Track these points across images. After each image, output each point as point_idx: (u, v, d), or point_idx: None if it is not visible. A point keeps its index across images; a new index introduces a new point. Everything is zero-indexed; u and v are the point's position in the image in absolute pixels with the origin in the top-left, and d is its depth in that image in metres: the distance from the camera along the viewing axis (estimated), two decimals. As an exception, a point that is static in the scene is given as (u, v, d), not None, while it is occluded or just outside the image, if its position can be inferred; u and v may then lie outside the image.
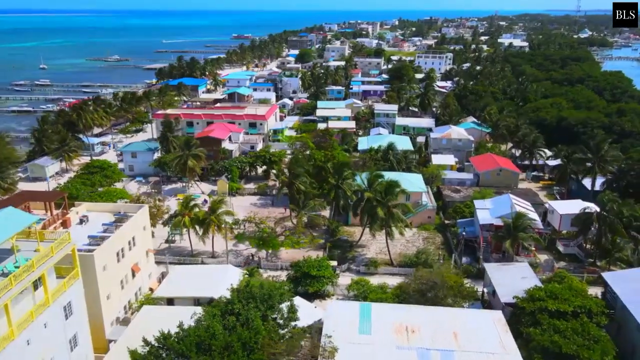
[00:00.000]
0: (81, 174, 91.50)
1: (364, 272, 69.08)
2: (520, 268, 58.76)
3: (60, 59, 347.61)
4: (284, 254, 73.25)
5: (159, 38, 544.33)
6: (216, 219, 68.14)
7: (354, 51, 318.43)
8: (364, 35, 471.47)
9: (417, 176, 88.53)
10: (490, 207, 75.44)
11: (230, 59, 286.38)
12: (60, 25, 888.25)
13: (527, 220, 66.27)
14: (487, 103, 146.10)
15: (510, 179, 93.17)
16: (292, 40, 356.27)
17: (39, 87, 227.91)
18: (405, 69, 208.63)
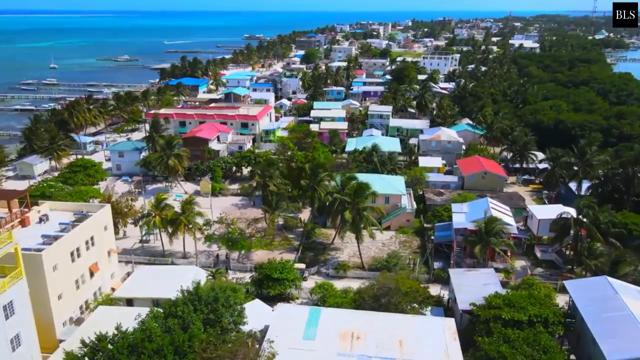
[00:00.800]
0: (63, 172, 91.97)
1: (334, 276, 68.17)
2: (485, 274, 57.29)
3: (71, 58, 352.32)
4: (256, 256, 72.69)
5: (171, 38, 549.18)
6: (185, 219, 67.78)
7: (361, 52, 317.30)
8: (374, 36, 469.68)
9: (398, 178, 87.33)
10: (466, 211, 73.92)
11: (237, 59, 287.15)
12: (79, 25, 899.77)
13: (499, 225, 64.69)
14: (485, 105, 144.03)
15: (496, 182, 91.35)
16: (300, 41, 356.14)
17: (45, 86, 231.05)
18: (407, 70, 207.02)
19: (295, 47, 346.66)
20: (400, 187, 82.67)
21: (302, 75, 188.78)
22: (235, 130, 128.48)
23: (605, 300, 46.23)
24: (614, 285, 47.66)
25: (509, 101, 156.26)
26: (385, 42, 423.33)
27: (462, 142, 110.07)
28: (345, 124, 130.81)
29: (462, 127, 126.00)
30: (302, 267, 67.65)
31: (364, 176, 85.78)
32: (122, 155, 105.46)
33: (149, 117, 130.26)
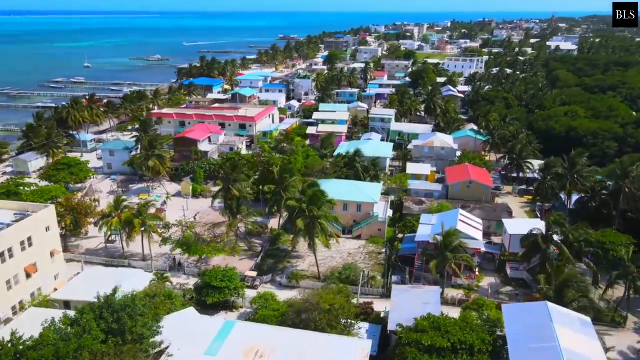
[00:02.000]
0: (47, 170, 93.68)
1: (286, 285, 66.08)
2: (429, 293, 53.78)
3: (106, 57, 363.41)
4: (215, 262, 71.33)
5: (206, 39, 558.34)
6: (141, 221, 67.21)
7: (388, 53, 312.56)
8: (407, 37, 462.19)
9: (375, 186, 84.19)
10: (434, 223, 70.15)
11: (262, 59, 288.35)
12: (127, 26, 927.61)
13: (457, 239, 60.83)
14: (495, 110, 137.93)
15: (482, 192, 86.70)
16: (328, 42, 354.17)
17: (73, 85, 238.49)
18: (425, 72, 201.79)
19: (324, 48, 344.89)
20: (373, 195, 79.50)
21: (316, 77, 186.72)
22: (234, 132, 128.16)
23: (537, 329, 42.27)
24: (552, 313, 43.52)
25: (524, 106, 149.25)
26: (417, 44, 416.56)
27: (456, 149, 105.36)
28: (343, 127, 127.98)
29: (464, 132, 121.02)
30: (253, 275, 65.90)
31: (337, 183, 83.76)
32: (113, 154, 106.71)
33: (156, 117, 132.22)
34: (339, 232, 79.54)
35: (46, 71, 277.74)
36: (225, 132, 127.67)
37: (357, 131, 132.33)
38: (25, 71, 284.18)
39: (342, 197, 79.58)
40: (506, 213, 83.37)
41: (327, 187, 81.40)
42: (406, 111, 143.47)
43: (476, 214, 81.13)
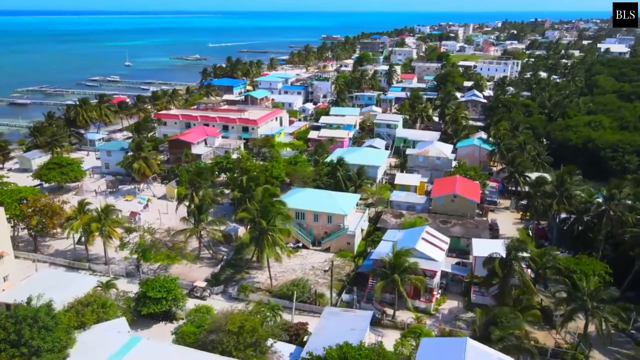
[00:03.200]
0: (39, 169, 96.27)
1: (236, 298, 64.46)
2: (359, 317, 50.72)
3: (146, 56, 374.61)
4: (176, 269, 70.73)
5: (250, 38, 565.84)
6: (98, 225, 67.44)
7: (425, 54, 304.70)
8: (451, 38, 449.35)
9: (351, 197, 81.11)
10: (396, 240, 66.41)
11: (293, 60, 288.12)
12: (174, 25, 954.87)
13: (408, 260, 57.09)
14: (511, 117, 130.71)
15: (466, 207, 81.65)
16: (364, 43, 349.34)
17: (107, 83, 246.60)
18: (452, 75, 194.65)
19: (360, 48, 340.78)
20: (344, 207, 76.47)
21: (334, 79, 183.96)
22: (237, 134, 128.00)
23: (445, 369, 38.61)
24: (467, 351, 39.63)
25: (546, 114, 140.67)
26: (459, 45, 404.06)
27: (452, 159, 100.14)
28: (349, 132, 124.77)
29: (470, 141, 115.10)
30: (202, 285, 64.66)
31: (311, 192, 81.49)
32: (110, 155, 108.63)
33: (157, 117, 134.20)
34: (308, 243, 77.46)
35: (89, 69, 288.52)
36: (229, 134, 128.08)
37: (361, 137, 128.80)
38: (68, 69, 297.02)
39: (312, 208, 77.36)
40: (488, 231, 78.34)
41: (299, 196, 79.98)
42: (417, 117, 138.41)
43: (455, 230, 76.81)
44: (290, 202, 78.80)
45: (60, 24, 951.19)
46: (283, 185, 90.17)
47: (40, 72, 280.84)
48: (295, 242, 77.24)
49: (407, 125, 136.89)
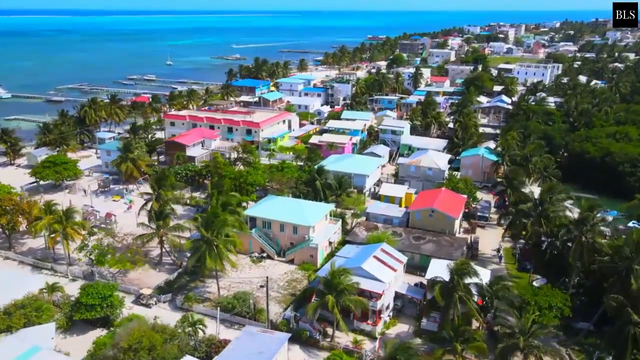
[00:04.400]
0: (35, 167, 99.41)
1: (181, 307, 63.38)
2: (273, 340, 48.12)
3: (189, 56, 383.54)
4: (135, 274, 70.69)
5: (296, 38, 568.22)
6: (58, 226, 68.31)
7: (464, 56, 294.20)
8: (499, 39, 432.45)
9: (322, 207, 78.24)
10: (350, 256, 63.34)
11: (327, 61, 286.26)
12: (225, 25, 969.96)
13: (346, 281, 53.85)
14: (528, 125, 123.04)
15: (444, 223, 76.79)
16: (403, 44, 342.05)
17: (143, 82, 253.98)
18: (480, 79, 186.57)
19: (399, 49, 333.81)
20: (310, 218, 73.76)
21: (355, 81, 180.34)
22: (241, 137, 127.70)
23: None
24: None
25: (569, 123, 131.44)
26: (507, 46, 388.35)
27: (445, 170, 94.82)
28: (346, 137, 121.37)
29: (475, 151, 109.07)
30: (147, 292, 64.04)
31: (281, 201, 79.62)
32: (109, 154, 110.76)
33: (167, 118, 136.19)
34: (273, 253, 75.38)
35: (131, 68, 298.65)
36: (233, 136, 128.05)
37: (366, 143, 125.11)
38: (112, 67, 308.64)
39: (278, 217, 75.22)
40: (464, 250, 73.36)
41: (268, 205, 78.28)
42: (429, 123, 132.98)
43: (426, 248, 72.54)
44: (258, 210, 77.44)
45: (120, 24, 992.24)
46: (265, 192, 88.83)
47: (85, 70, 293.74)
48: (260, 252, 75.43)
49: (417, 132, 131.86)
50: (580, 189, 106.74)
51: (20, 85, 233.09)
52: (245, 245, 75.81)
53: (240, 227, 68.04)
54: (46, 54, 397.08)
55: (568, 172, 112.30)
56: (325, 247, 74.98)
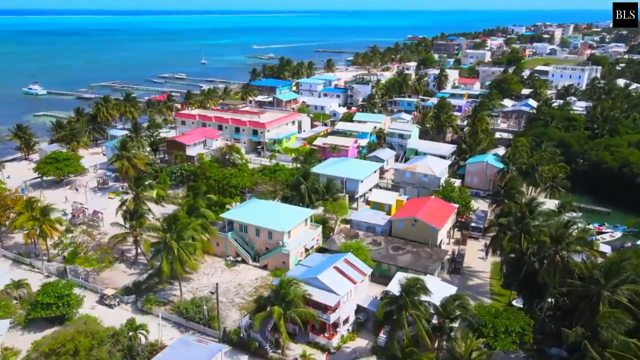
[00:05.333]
0: (38, 163, 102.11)
1: (142, 310, 62.96)
2: (207, 351, 46.53)
3: (223, 55, 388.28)
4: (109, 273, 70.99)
5: (336, 37, 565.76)
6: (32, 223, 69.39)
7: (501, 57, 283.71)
8: (543, 40, 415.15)
9: (301, 212, 76.35)
10: (311, 265, 61.04)
11: (357, 61, 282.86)
12: (269, 24, 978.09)
13: (294, 292, 51.70)
14: (547, 131, 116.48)
15: (427, 233, 73.02)
16: (438, 44, 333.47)
17: (173, 80, 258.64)
18: (507, 82, 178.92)
19: (433, 50, 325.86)
20: (284, 223, 71.89)
21: (375, 82, 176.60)
22: (247, 137, 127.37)
23: None
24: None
25: (592, 129, 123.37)
26: (550, 47, 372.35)
27: (441, 177, 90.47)
28: (350, 140, 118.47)
29: (481, 158, 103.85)
30: (109, 292, 63.94)
31: (260, 204, 78.22)
32: (114, 151, 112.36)
33: (178, 117, 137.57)
34: (247, 258, 74.01)
35: (165, 66, 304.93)
36: (240, 137, 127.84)
37: (373, 146, 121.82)
38: (148, 65, 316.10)
39: (254, 222, 73.84)
40: (442, 263, 69.58)
41: (246, 208, 77.37)
42: (441, 127, 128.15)
43: (403, 259, 69.26)
44: (235, 214, 76.39)
45: (167, 24, 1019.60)
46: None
47: (122, 68, 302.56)
48: (235, 256, 74.25)
49: (428, 136, 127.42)
50: (595, 201, 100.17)
51: (57, 82, 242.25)
52: (221, 249, 75.22)
53: (207, 230, 67.02)
54: (89, 53, 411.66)
55: (585, 183, 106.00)
56: (301, 253, 72.97)
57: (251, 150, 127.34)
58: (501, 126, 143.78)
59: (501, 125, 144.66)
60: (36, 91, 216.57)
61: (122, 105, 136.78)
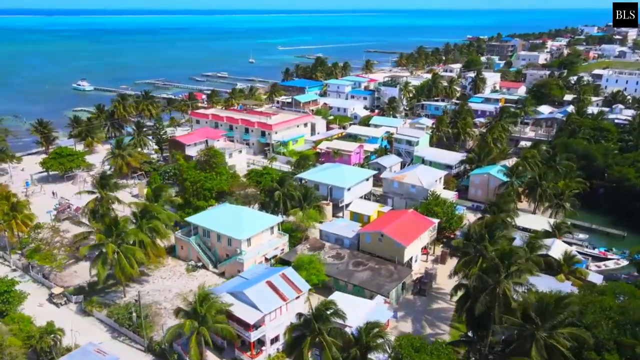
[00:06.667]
0: (45, 158, 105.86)
1: (84, 311, 62.82)
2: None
3: (273, 54, 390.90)
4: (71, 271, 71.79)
5: (393, 37, 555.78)
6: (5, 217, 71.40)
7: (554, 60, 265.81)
8: (614, 41, 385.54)
9: (266, 219, 73.72)
10: (248, 278, 58.27)
11: (401, 62, 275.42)
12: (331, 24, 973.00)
13: (214, 308, 49.21)
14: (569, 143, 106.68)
15: (393, 249, 68.13)
16: (491, 45, 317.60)
17: (215, 79, 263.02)
18: (548, 86, 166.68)
19: (485, 52, 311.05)
20: (244, 231, 69.53)
21: (403, 85, 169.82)
22: (256, 138, 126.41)
23: None
24: None
25: (625, 142, 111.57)
26: (619, 49, 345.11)
27: (427, 188, 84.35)
28: (353, 145, 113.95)
29: (486, 169, 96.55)
30: (57, 291, 64.28)
31: (225, 209, 76.98)
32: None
33: (193, 116, 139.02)
34: (208, 263, 72.40)
35: (215, 65, 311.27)
36: (250, 137, 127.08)
37: (379, 152, 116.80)
38: (198, 64, 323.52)
39: (214, 227, 72.23)
40: (402, 283, 64.46)
41: (211, 213, 76.28)
42: (457, 134, 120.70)
43: (360, 276, 65.01)
44: (199, 218, 75.01)
45: (234, 22, 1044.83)
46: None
47: (172, 66, 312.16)
48: (197, 261, 72.89)
49: (443, 144, 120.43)
50: (611, 222, 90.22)
51: (107, 79, 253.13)
52: (185, 252, 74.32)
53: (159, 233, 66.12)
54: (149, 51, 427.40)
55: (604, 201, 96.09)
56: (260, 262, 70.33)
57: (259, 151, 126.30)
58: (529, 134, 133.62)
59: (529, 133, 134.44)
60: (83, 87, 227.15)
61: (141, 103, 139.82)
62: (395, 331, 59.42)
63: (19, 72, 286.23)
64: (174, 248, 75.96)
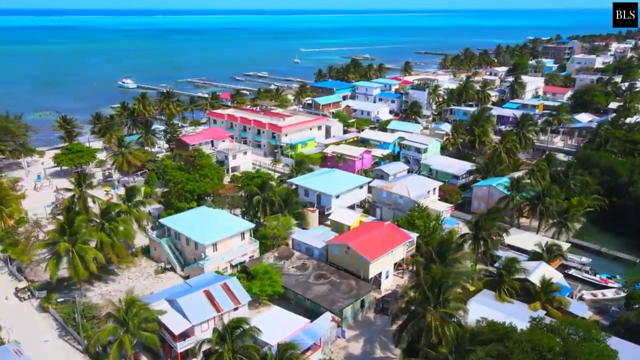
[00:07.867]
0: (57, 154, 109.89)
1: (42, 307, 63.87)
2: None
3: (320, 55, 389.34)
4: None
5: (452, 38, 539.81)
6: (-11, 212, 74.37)
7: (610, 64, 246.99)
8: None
9: (237, 224, 72.59)
10: (192, 285, 56.87)
11: (445, 64, 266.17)
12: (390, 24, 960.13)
13: (143, 316, 48.25)
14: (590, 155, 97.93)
15: (358, 264, 64.52)
16: (546, 47, 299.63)
17: (256, 78, 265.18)
18: (591, 93, 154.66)
19: (541, 54, 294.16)
20: (210, 235, 68.45)
21: (432, 88, 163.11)
22: (267, 139, 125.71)
23: None
24: None
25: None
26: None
27: (414, 200, 79.43)
28: (359, 150, 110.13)
29: (489, 182, 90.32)
30: (21, 286, 65.87)
31: (198, 212, 76.49)
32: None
33: (211, 116, 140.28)
34: (176, 266, 71.96)
35: (259, 64, 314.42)
36: (261, 139, 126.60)
37: (387, 158, 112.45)
38: (241, 63, 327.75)
39: (182, 230, 71.66)
40: (352, 300, 60.62)
41: (185, 215, 75.62)
42: (473, 141, 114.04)
43: (317, 290, 62.21)
44: (171, 220, 74.79)
45: (290, 22, 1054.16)
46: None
47: (218, 65, 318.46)
48: (167, 263, 72.65)
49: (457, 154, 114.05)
50: (626, 245, 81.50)
51: (152, 77, 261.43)
52: (158, 254, 74.37)
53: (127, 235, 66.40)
54: (201, 51, 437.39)
55: (623, 222, 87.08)
56: (225, 269, 68.98)
57: (270, 153, 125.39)
58: (557, 145, 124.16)
59: (558, 143, 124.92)
60: (127, 85, 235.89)
61: (163, 102, 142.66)
62: (343, 352, 56.30)
63: (75, 72, 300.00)
64: (149, 249, 76.23)
